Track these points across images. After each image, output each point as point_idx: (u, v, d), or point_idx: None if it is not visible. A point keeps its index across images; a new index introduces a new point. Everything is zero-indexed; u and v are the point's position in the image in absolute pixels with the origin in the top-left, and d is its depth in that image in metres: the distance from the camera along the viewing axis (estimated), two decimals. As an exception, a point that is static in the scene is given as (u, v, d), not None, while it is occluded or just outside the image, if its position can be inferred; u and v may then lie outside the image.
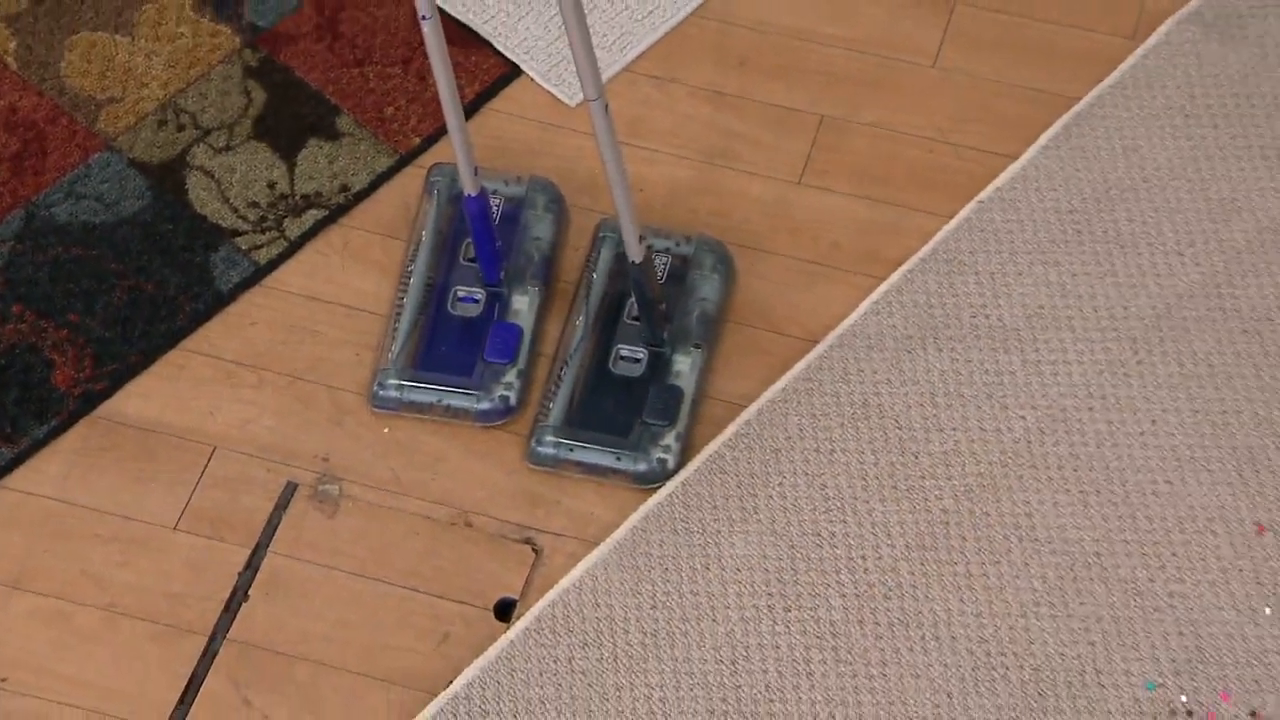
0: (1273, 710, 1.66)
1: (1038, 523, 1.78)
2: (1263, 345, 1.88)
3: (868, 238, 1.98)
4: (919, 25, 2.14)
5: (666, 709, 1.68)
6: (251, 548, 1.80)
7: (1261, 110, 2.04)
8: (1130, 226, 1.98)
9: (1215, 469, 1.80)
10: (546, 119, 2.09)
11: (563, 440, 1.82)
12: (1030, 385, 1.87)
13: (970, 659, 1.70)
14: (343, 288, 1.98)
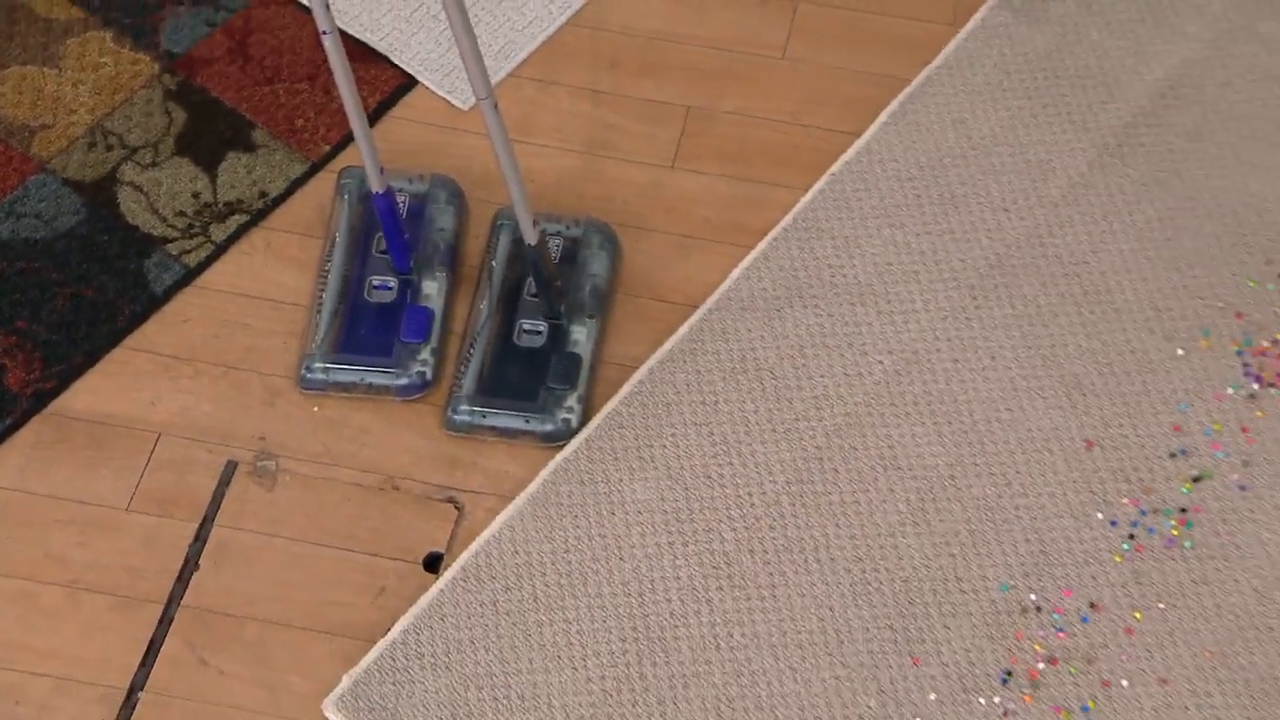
0: (1109, 601, 1.65)
1: (899, 453, 1.76)
2: (1081, 285, 1.87)
3: (735, 212, 1.95)
4: (767, 23, 2.11)
5: (583, 640, 1.65)
6: (199, 522, 1.74)
7: (1066, 81, 2.04)
8: (962, 188, 1.96)
9: (1047, 395, 1.79)
10: (443, 123, 2.04)
11: (476, 408, 1.78)
12: (885, 333, 1.85)
13: (848, 576, 1.68)
14: (267, 284, 1.91)
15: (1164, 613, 1.66)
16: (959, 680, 1.63)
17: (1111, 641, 1.64)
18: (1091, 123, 2.01)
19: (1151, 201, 1.94)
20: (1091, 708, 1.61)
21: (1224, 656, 1.63)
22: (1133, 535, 1.71)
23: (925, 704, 1.61)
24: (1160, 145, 1.99)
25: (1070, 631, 1.65)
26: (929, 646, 1.65)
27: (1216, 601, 1.67)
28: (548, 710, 1.61)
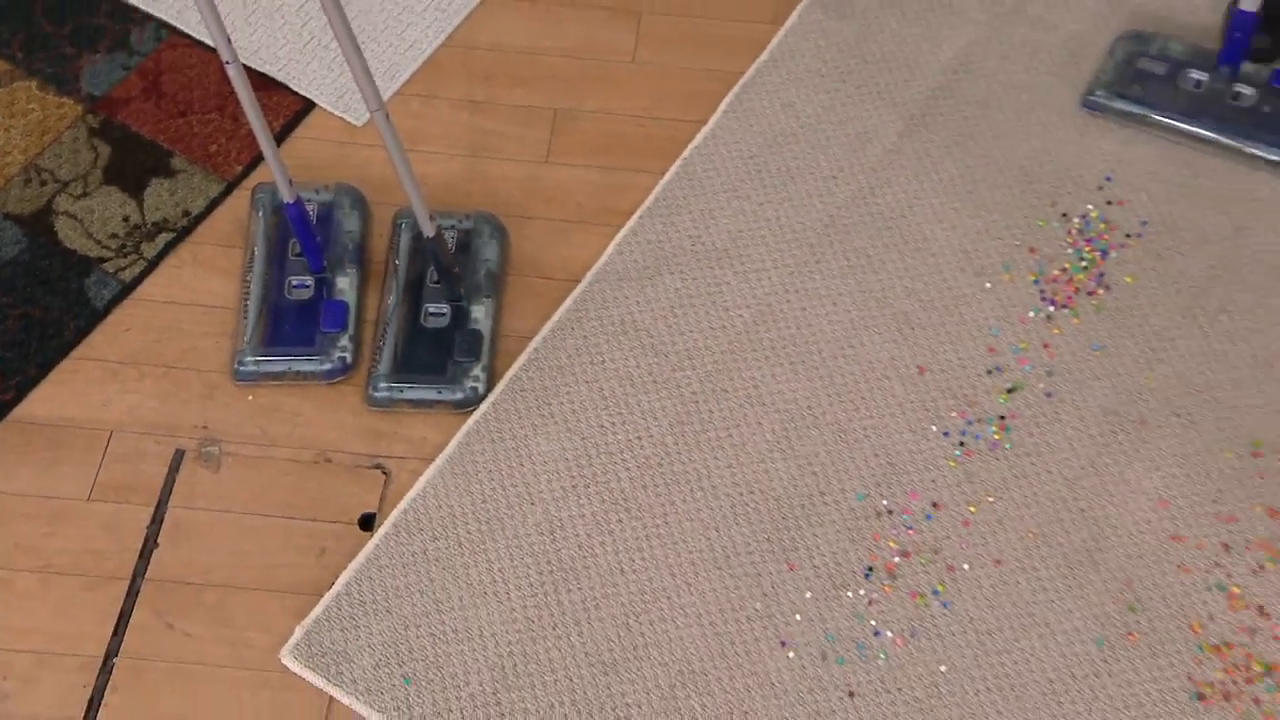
0: (947, 500, 1.67)
1: (763, 391, 1.76)
2: (901, 235, 1.88)
3: (604, 196, 1.93)
4: (616, 34, 2.09)
5: (505, 576, 1.62)
6: (154, 505, 1.69)
7: (873, 65, 2.04)
8: (795, 162, 1.96)
9: (882, 331, 1.80)
10: (341, 139, 2.00)
11: (393, 384, 1.74)
12: (742, 289, 1.84)
13: (728, 500, 1.68)
14: (197, 292, 1.86)
15: (993, 505, 1.67)
16: (829, 579, 1.63)
17: (953, 533, 1.66)
18: (898, 99, 2.01)
19: (953, 161, 1.95)
20: (941, 590, 1.62)
21: (1045, 536, 1.65)
22: (962, 443, 1.72)
23: (803, 602, 1.62)
24: (956, 114, 2.00)
25: (918, 529, 1.66)
26: (801, 553, 1.65)
27: (1035, 491, 1.69)
28: (479, 639, 1.59)
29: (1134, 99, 1.98)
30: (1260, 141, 1.92)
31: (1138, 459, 1.71)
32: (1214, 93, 1.97)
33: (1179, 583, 1.62)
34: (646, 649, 1.59)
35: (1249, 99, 1.96)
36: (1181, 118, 1.96)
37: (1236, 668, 1.57)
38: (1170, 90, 1.98)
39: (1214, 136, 1.94)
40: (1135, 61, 2.01)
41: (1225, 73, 1.97)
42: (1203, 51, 2.01)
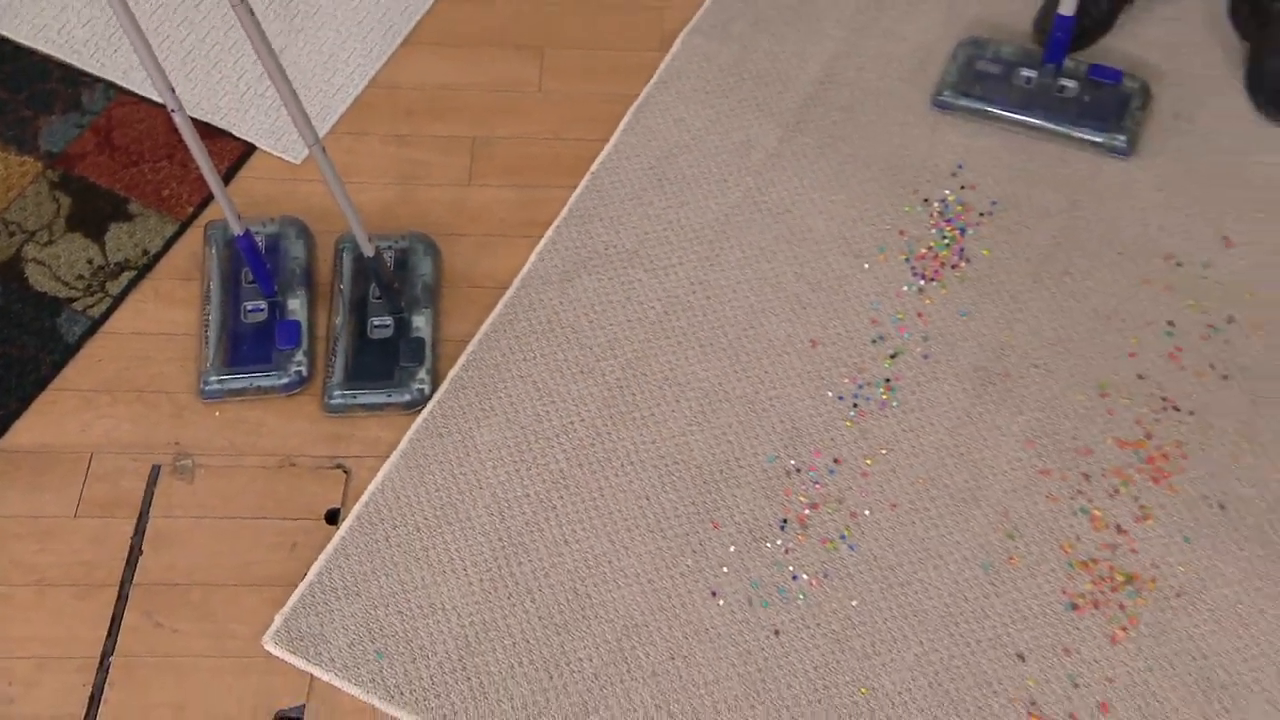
0: (847, 455, 1.66)
1: (678, 373, 1.74)
2: (788, 228, 1.87)
3: (523, 211, 1.90)
4: (523, 67, 2.06)
5: (461, 555, 1.59)
6: (136, 517, 1.63)
7: (750, 81, 2.03)
8: (690, 170, 1.94)
9: (778, 312, 1.79)
10: (282, 176, 1.94)
11: (347, 391, 1.70)
12: (653, 285, 1.82)
13: (655, 471, 1.66)
14: (160, 322, 1.79)
15: (886, 456, 1.67)
16: (749, 533, 1.62)
17: (854, 484, 1.65)
18: (774, 109, 2.00)
19: (827, 160, 1.95)
20: (847, 535, 1.62)
21: (932, 480, 1.65)
22: (856, 404, 1.72)
23: (728, 555, 1.60)
24: (825, 119, 2.00)
25: (823, 483, 1.66)
26: (723, 513, 1.63)
27: (920, 441, 1.69)
28: (443, 613, 1.55)
29: (976, 97, 1.99)
30: (1084, 126, 1.94)
31: (1005, 407, 1.72)
32: (1043, 87, 1.99)
33: (1048, 510, 1.63)
34: (593, 609, 1.57)
35: (1072, 91, 1.97)
36: (1017, 110, 1.97)
37: (1102, 579, 1.58)
38: (1006, 87, 1.99)
39: (1045, 124, 1.96)
40: (974, 64, 2.02)
41: (1051, 70, 1.99)
42: (1031, 53, 2.02)
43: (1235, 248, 1.87)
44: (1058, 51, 1.98)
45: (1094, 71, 1.99)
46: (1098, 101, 1.97)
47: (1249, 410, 1.72)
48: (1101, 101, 1.97)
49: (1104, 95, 1.98)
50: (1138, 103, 1.97)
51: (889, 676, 1.53)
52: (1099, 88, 1.99)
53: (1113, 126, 1.95)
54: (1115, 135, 1.94)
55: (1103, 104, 1.97)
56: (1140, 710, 1.50)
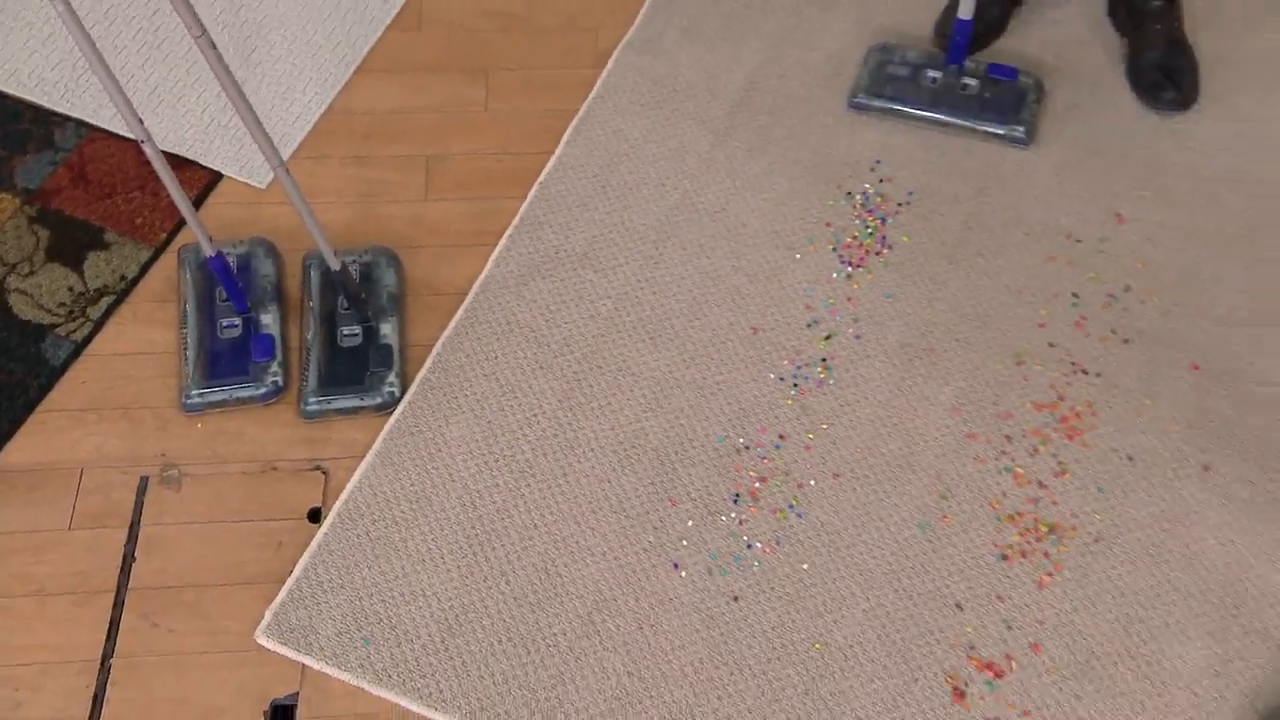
0: (791, 431, 1.65)
1: (631, 364, 1.72)
2: (724, 225, 1.85)
3: (478, 222, 1.86)
4: (470, 89, 2.02)
5: (438, 544, 1.56)
6: (128, 526, 1.58)
7: (681, 92, 2.01)
8: (631, 176, 1.92)
9: (720, 303, 1.77)
10: (249, 200, 1.89)
11: (322, 398, 1.66)
12: (602, 284, 1.80)
13: (615, 456, 1.64)
14: (140, 343, 1.74)
15: (827, 430, 1.67)
16: (705, 508, 1.60)
17: (799, 457, 1.65)
18: (705, 117, 1.99)
19: (756, 161, 1.94)
20: (795, 504, 1.61)
21: (870, 449, 1.65)
22: (796, 384, 1.71)
23: (687, 530, 1.59)
24: (753, 124, 1.99)
25: (770, 458, 1.65)
26: (680, 490, 1.62)
27: (857, 414, 1.68)
28: (423, 599, 1.52)
29: (887, 97, 1.99)
30: (986, 120, 1.95)
31: (932, 378, 1.72)
32: (947, 86, 1.99)
33: (976, 471, 1.63)
34: (564, 586, 1.55)
35: (973, 88, 1.98)
36: (925, 108, 1.97)
37: (1028, 531, 1.59)
38: (914, 88, 1.99)
39: (951, 120, 1.96)
40: (884, 68, 2.02)
41: (954, 70, 1.99)
42: (934, 55, 2.02)
43: (1127, 224, 1.88)
44: (959, 53, 1.98)
45: (992, 70, 2.00)
46: (997, 97, 1.98)
47: (1148, 369, 1.73)
48: (1000, 97, 1.98)
49: (1002, 91, 1.99)
50: (1033, 97, 1.98)
51: (840, 631, 1.52)
52: (998, 85, 1.99)
53: (1012, 119, 1.96)
54: (1014, 127, 1.95)
55: (1002, 99, 1.98)
56: (1068, 647, 1.51)
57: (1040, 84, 2.01)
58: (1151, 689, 1.48)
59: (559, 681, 1.49)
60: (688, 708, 1.46)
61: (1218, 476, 1.64)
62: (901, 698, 1.47)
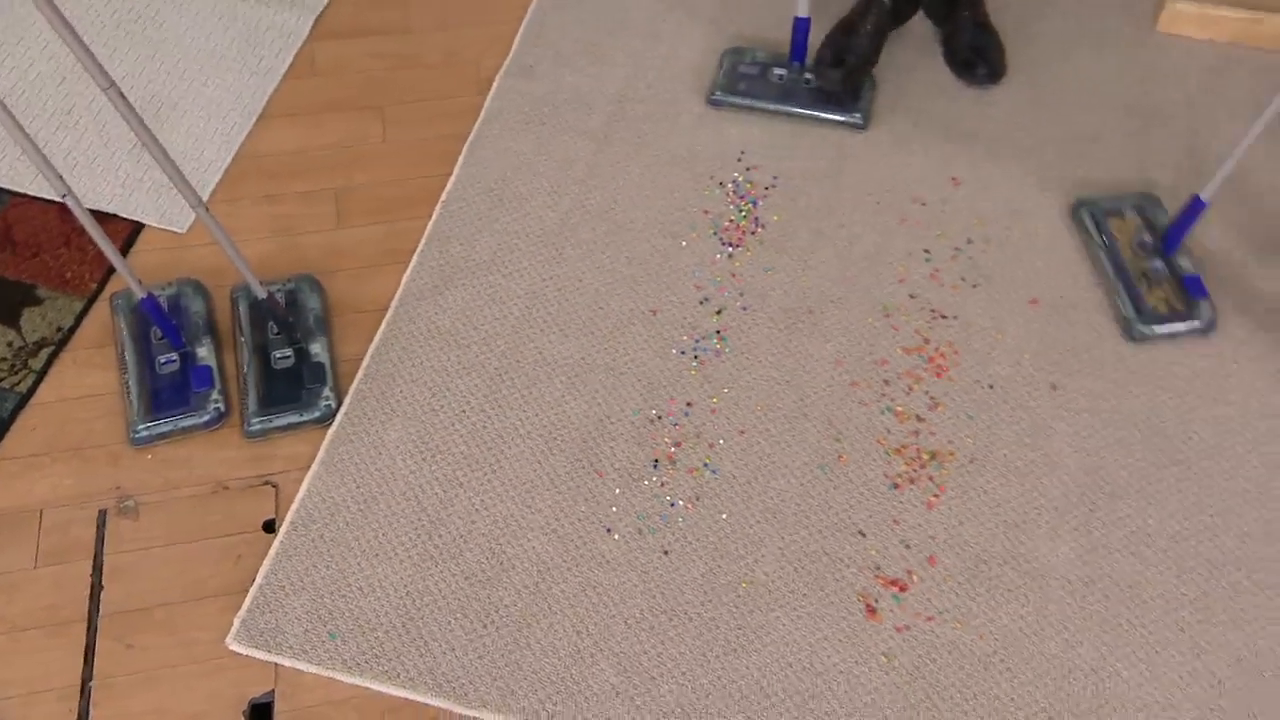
0: (697, 399, 1.64)
1: (547, 355, 1.69)
2: (615, 223, 1.83)
3: (389, 243, 1.81)
4: (368, 124, 1.97)
5: (388, 538, 1.51)
6: (93, 557, 1.49)
7: (562, 109, 1.98)
8: (525, 188, 1.89)
9: (620, 291, 1.75)
10: (171, 246, 1.81)
11: (263, 417, 1.59)
12: (510, 286, 1.76)
13: (542, 439, 1.61)
14: (84, 387, 1.65)
15: (728, 394, 1.66)
16: (629, 476, 1.59)
17: (707, 421, 1.64)
18: (585, 128, 1.97)
19: (636, 164, 1.92)
20: (709, 462, 1.60)
21: (768, 406, 1.65)
22: (696, 356, 1.70)
23: (615, 497, 1.57)
24: (629, 129, 1.98)
25: (681, 424, 1.64)
26: (605, 463, 1.60)
27: (753, 376, 1.68)
28: (381, 590, 1.48)
29: (742, 94, 2.00)
30: (829, 109, 1.98)
31: (814, 337, 1.73)
32: (793, 81, 2.01)
33: (863, 414, 1.65)
34: (511, 562, 1.52)
35: (815, 82, 2.00)
36: (776, 102, 1.99)
37: (913, 460, 1.61)
38: (765, 84, 2.01)
39: (800, 110, 1.98)
40: (738, 68, 2.03)
41: (797, 67, 2.02)
42: (780, 55, 2.05)
43: (961, 185, 1.93)
44: (800, 52, 2.01)
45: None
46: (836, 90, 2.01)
47: (995, 308, 1.77)
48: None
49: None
50: (868, 88, 2.02)
51: (761, 569, 1.52)
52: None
53: (851, 108, 1.99)
54: (854, 114, 1.98)
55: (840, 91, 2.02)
56: (959, 556, 1.53)
57: (872, 75, 2.05)
58: (1032, 582, 1.51)
59: (515, 647, 1.45)
60: (635, 655, 1.45)
61: (1063, 393, 1.69)
62: (822, 619, 1.48)
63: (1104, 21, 2.20)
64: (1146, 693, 1.44)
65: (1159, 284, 1.77)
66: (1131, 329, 1.73)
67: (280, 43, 2.10)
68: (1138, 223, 1.84)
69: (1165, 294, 1.76)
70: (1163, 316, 1.74)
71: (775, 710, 1.42)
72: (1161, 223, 1.84)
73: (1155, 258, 1.79)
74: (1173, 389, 1.70)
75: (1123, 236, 1.82)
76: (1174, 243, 1.79)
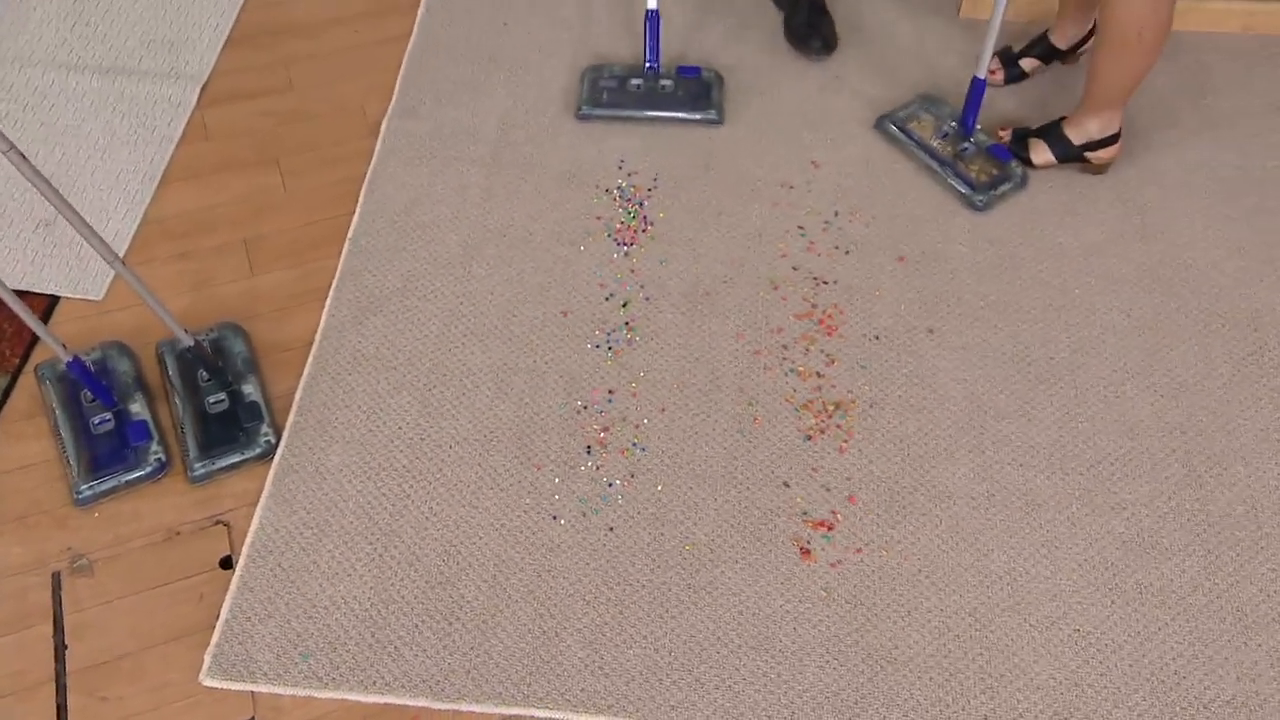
0: (617, 386, 1.62)
1: (470, 365, 1.65)
2: (515, 237, 1.80)
3: (305, 283, 1.74)
4: (266, 177, 1.89)
5: (345, 557, 1.45)
6: (52, 620, 1.39)
7: (449, 141, 1.94)
8: (425, 217, 1.84)
9: (531, 301, 1.72)
10: (88, 314, 1.70)
11: (206, 460, 1.51)
12: (427, 308, 1.71)
13: (479, 443, 1.56)
14: (19, 458, 1.54)
15: (645, 377, 1.65)
16: (565, 464, 1.56)
17: (630, 404, 1.62)
18: (474, 157, 1.94)
19: (526, 182, 1.90)
20: (637, 441, 1.58)
21: (683, 384, 1.65)
22: (610, 347, 1.69)
23: (555, 485, 1.53)
24: (515, 153, 1.95)
25: (606, 410, 1.62)
26: (541, 456, 1.57)
27: (665, 359, 1.67)
28: (346, 606, 1.41)
29: (606, 105, 2.00)
30: (687, 110, 1.99)
31: (714, 316, 1.73)
32: (650, 89, 2.02)
33: (769, 378, 1.66)
34: (466, 560, 1.47)
35: (670, 88, 2.01)
36: (637, 109, 2.00)
37: (820, 412, 1.62)
38: (624, 94, 2.01)
39: (661, 114, 2.00)
40: (599, 83, 2.03)
41: (651, 75, 2.03)
42: (636, 67, 2.05)
43: (821, 167, 1.96)
44: (654, 56, 2.02)
45: (681, 71, 2.05)
46: (690, 91, 2.02)
47: (869, 269, 1.80)
48: (693, 91, 2.02)
49: (693, 86, 2.03)
50: (717, 86, 2.04)
51: (701, 530, 1.51)
52: (688, 81, 2.04)
53: (705, 106, 2.00)
54: (709, 112, 2.00)
55: (694, 92, 2.02)
56: (875, 491, 1.55)
57: (719, 75, 2.06)
58: (941, 505, 1.54)
59: (482, 639, 1.41)
60: (596, 628, 1.42)
61: (940, 335, 1.73)
62: (762, 567, 1.48)
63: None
64: (1054, 584, 1.48)
65: (973, 160, 1.93)
66: (972, 201, 1.88)
67: (170, 113, 2.01)
68: (932, 119, 1.98)
69: (980, 166, 1.92)
70: (988, 184, 1.90)
71: (735, 656, 1.40)
72: (947, 114, 1.99)
73: (960, 141, 1.95)
74: (1025, 239, 1.77)
75: (925, 133, 1.97)
76: (971, 123, 1.95)
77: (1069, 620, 1.44)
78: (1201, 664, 1.41)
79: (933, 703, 1.37)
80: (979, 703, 1.38)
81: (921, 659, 1.41)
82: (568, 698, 1.37)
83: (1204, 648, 1.42)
